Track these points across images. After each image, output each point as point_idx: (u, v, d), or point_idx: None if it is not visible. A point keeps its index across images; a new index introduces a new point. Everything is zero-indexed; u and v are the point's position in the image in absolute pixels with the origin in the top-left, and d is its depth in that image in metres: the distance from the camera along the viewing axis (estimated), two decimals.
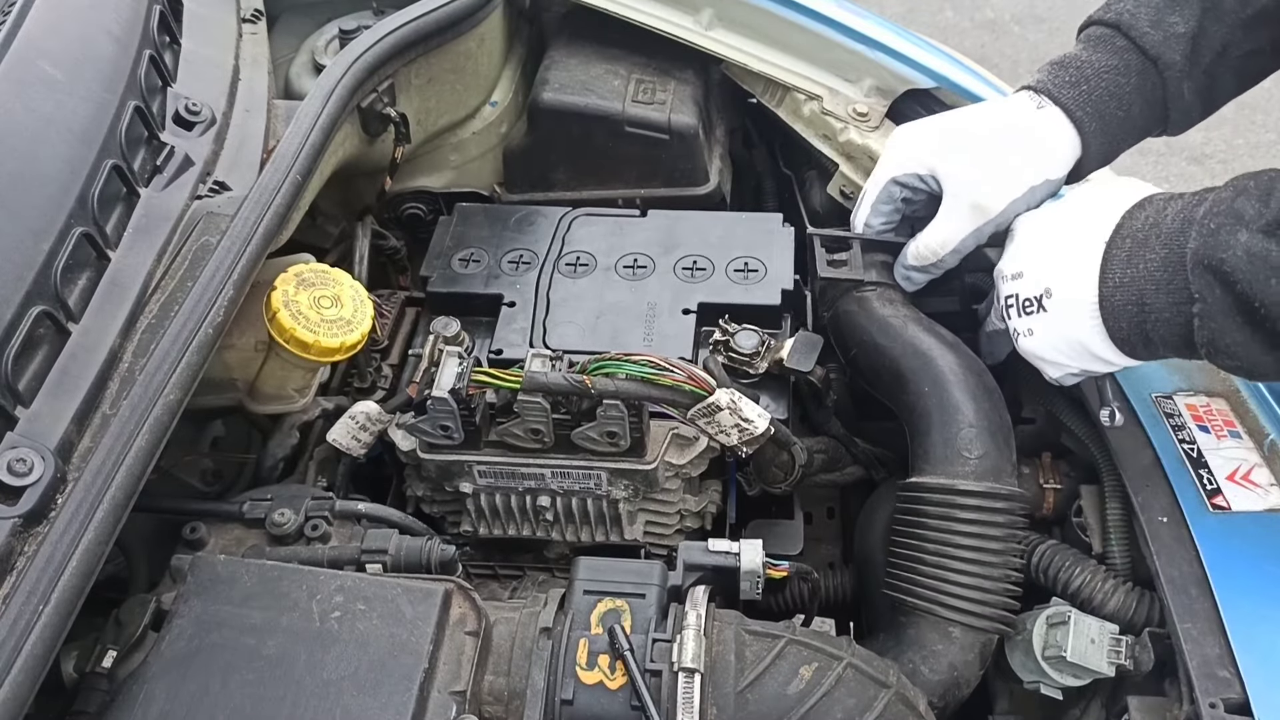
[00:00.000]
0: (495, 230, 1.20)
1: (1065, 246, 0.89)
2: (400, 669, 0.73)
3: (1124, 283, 0.83)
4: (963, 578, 0.89)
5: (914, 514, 0.92)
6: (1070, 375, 0.93)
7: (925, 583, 0.90)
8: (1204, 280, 0.77)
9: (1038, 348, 0.91)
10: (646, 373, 0.90)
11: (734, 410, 0.92)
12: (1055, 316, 0.89)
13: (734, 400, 0.92)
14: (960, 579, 0.89)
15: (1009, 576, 0.91)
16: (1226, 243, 0.76)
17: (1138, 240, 0.83)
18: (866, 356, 1.04)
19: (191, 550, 0.89)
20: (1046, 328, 0.90)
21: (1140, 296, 0.82)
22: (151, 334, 0.79)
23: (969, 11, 3.82)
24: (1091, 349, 0.87)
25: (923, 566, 0.90)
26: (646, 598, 0.81)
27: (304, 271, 0.95)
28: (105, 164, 0.84)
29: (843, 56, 1.29)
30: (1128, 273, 0.83)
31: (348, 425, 1.01)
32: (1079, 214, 0.90)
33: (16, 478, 0.67)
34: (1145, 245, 0.82)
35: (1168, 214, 0.83)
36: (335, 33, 1.33)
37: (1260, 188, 0.78)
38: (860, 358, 1.05)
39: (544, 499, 1.01)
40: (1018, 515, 0.92)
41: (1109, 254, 0.85)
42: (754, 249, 1.15)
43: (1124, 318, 0.84)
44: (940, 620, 0.89)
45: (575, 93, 1.30)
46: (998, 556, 0.90)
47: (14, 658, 0.60)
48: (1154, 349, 0.85)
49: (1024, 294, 0.91)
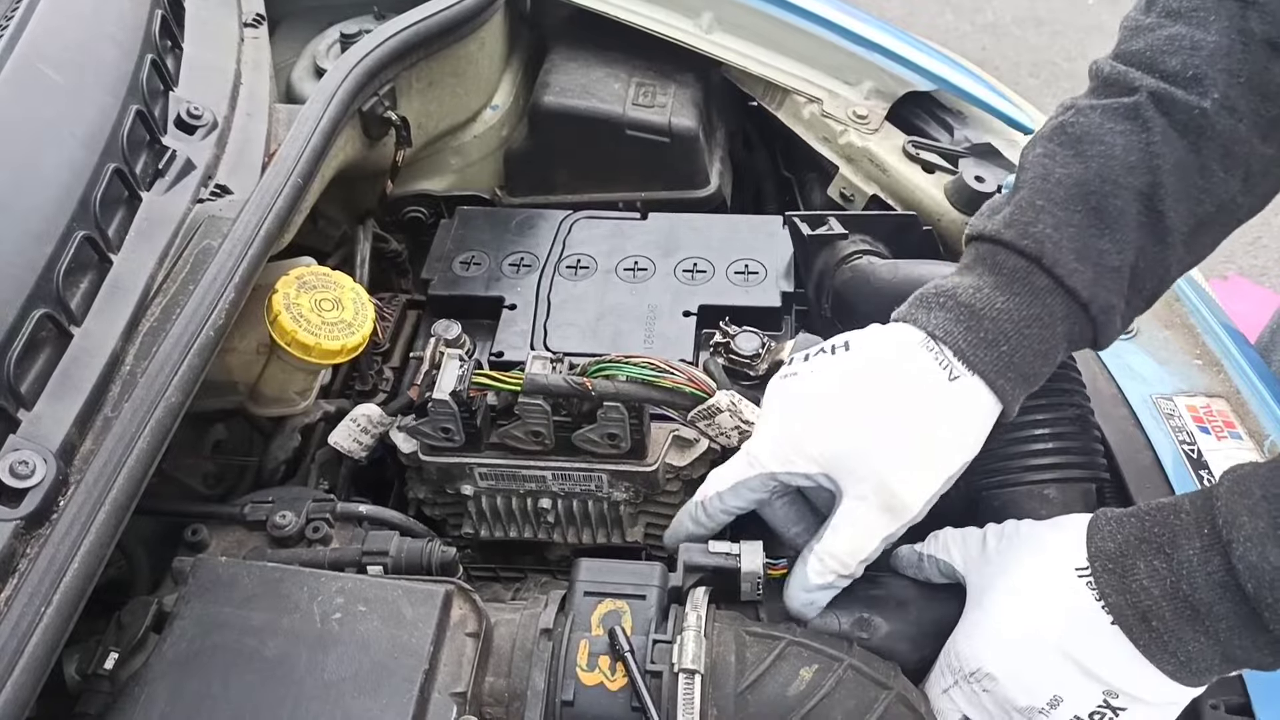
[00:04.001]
0: (496, 233, 1.20)
1: (1082, 646, 0.71)
2: (401, 670, 0.73)
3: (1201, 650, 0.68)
4: (1037, 443, 0.83)
5: None
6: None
7: (1003, 457, 0.84)
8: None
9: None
10: (646, 374, 0.91)
11: (734, 412, 0.92)
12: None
13: (734, 402, 0.92)
14: (1033, 443, 0.83)
15: (1082, 420, 0.85)
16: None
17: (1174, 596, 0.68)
18: (873, 305, 1.00)
19: (193, 552, 0.89)
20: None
21: (1225, 653, 0.68)
22: (153, 337, 0.79)
23: (969, 14, 3.82)
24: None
25: (991, 448, 0.82)
26: (647, 599, 0.81)
27: (305, 274, 0.95)
28: (107, 167, 0.84)
29: (842, 59, 1.29)
30: (1197, 638, 0.67)
31: (349, 428, 1.01)
32: (1048, 597, 0.73)
33: (19, 480, 0.67)
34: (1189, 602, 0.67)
35: (1172, 566, 0.68)
36: (336, 37, 1.33)
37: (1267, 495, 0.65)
38: (871, 314, 1.02)
39: (545, 501, 1.01)
40: (1068, 366, 0.86)
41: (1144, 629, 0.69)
42: (754, 251, 1.16)
43: (1206, 672, 0.69)
44: (1032, 487, 0.82)
45: (576, 96, 1.30)
46: (1061, 411, 0.84)
47: (16, 659, 0.60)
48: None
49: (1084, 709, 0.71)
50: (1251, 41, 0.72)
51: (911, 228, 1.14)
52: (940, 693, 0.78)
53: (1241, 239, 2.89)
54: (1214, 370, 1.02)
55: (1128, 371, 1.01)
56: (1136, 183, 0.73)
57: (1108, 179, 0.73)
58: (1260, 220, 0.82)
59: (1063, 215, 0.74)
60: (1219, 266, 2.83)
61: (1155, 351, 1.05)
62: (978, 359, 0.74)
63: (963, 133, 1.27)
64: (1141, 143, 0.74)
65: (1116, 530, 0.72)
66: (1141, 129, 0.74)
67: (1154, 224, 0.74)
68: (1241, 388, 1.01)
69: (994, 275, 0.75)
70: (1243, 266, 2.86)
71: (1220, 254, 0.89)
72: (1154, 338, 1.06)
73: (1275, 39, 0.72)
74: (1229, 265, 2.85)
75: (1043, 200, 0.75)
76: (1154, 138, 0.73)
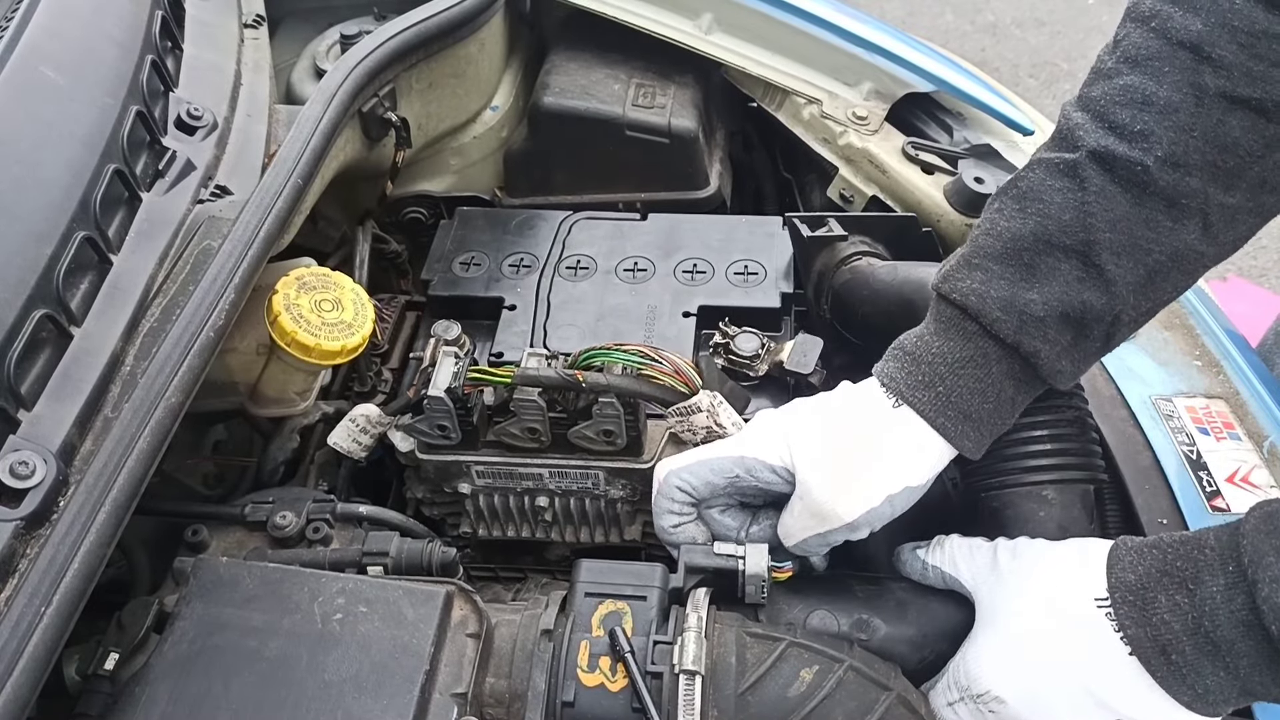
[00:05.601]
0: (496, 234, 1.20)
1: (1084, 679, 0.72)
2: (402, 671, 0.73)
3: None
4: (1035, 444, 0.85)
5: None
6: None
7: (1001, 458, 0.86)
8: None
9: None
10: (634, 361, 0.91)
11: (711, 414, 0.92)
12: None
13: (714, 404, 0.93)
14: (1033, 445, 0.85)
15: (1080, 422, 0.87)
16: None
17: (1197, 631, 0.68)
18: (872, 306, 1.02)
19: (193, 553, 0.89)
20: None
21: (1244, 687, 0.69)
22: (153, 337, 0.79)
23: (969, 15, 3.83)
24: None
25: (990, 450, 0.85)
26: (648, 600, 0.81)
27: (305, 275, 0.96)
28: (107, 168, 0.84)
29: (842, 60, 1.30)
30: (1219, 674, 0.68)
31: (348, 428, 1.02)
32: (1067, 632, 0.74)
33: (19, 480, 0.67)
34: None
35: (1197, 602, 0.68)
36: (336, 38, 1.33)
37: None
38: (870, 315, 1.02)
39: (542, 499, 1.01)
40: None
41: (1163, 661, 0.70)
42: (754, 252, 1.16)
43: (1222, 704, 0.70)
44: (1031, 488, 0.85)
45: (576, 97, 1.30)
46: (1059, 413, 0.86)
47: (16, 660, 0.60)
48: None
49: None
50: (1205, 96, 0.73)
51: (911, 229, 1.14)
52: (945, 705, 0.79)
53: None
54: (1213, 371, 1.02)
55: (1127, 372, 1.01)
56: (1069, 240, 0.76)
57: (1041, 237, 0.77)
58: None
59: (996, 269, 0.79)
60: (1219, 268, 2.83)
61: (1155, 353, 1.05)
62: (915, 399, 0.80)
63: (962, 134, 1.27)
64: (1077, 201, 0.76)
65: (1138, 561, 0.73)
66: (1078, 188, 0.76)
67: (1092, 278, 0.76)
68: (1241, 389, 1.01)
69: (935, 323, 0.82)
70: (1243, 267, 2.86)
71: None
72: (1154, 339, 1.06)
73: (1230, 92, 0.72)
74: (1229, 266, 2.85)
75: (979, 257, 0.80)
76: (1089, 196, 0.76)
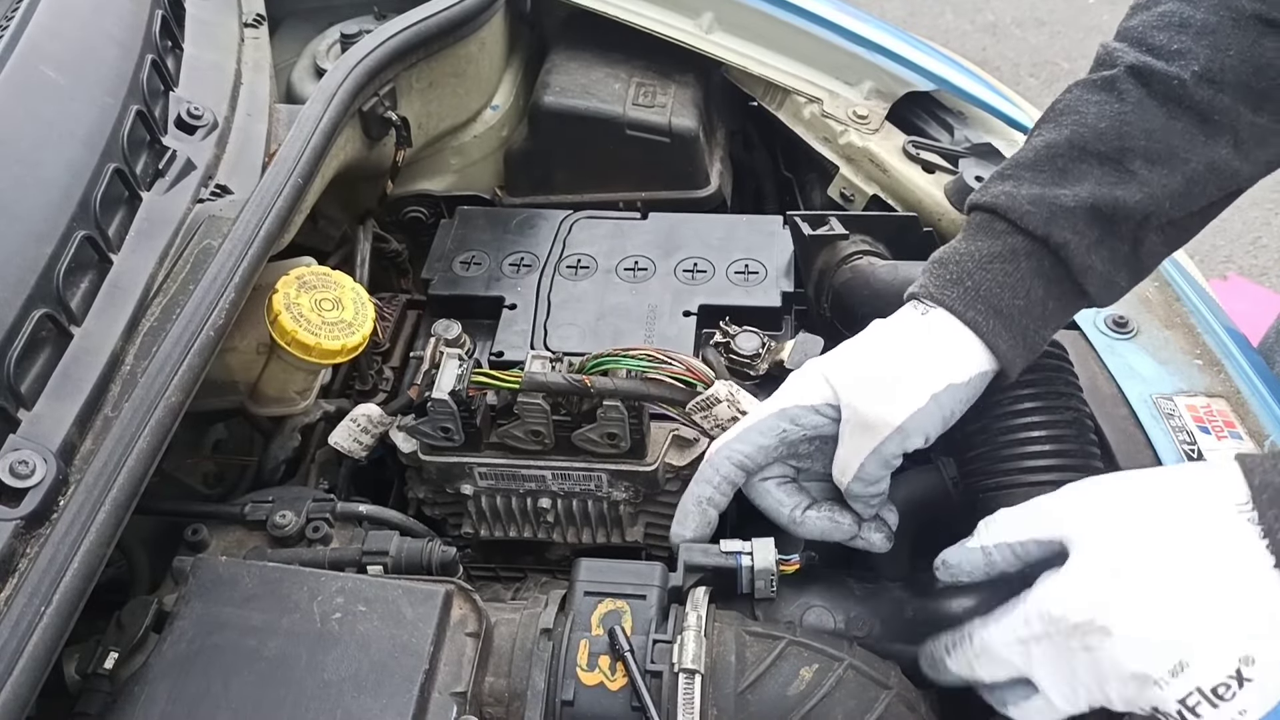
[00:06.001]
0: (496, 233, 1.20)
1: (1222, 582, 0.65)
2: (401, 670, 0.73)
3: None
4: (1035, 444, 0.84)
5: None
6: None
7: (1000, 457, 0.85)
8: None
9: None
10: (644, 365, 0.91)
11: (732, 402, 0.92)
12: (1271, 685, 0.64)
13: (732, 393, 0.92)
14: (1031, 444, 0.84)
15: (1079, 421, 0.86)
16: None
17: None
18: (873, 305, 1.00)
19: (193, 552, 0.89)
20: (1264, 700, 0.64)
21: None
22: (153, 337, 0.79)
23: (970, 14, 3.82)
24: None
25: (989, 449, 0.85)
26: (647, 599, 0.81)
27: (305, 274, 0.96)
28: (107, 168, 0.84)
29: (842, 59, 1.30)
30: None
31: (349, 428, 1.02)
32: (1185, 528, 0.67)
33: (19, 480, 0.67)
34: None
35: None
36: (337, 37, 1.34)
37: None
38: (871, 314, 1.02)
39: (545, 501, 1.01)
40: (1064, 369, 0.88)
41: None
42: (754, 251, 1.16)
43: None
44: (1030, 488, 0.82)
45: (576, 96, 1.30)
46: (1058, 413, 0.86)
47: (16, 659, 0.60)
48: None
49: (1210, 682, 0.63)
50: (1241, 18, 0.78)
51: (912, 228, 1.14)
52: (1015, 642, 0.71)
53: (1241, 239, 2.89)
54: (1214, 370, 1.02)
55: (1128, 371, 1.00)
56: (1104, 147, 0.80)
57: (1076, 144, 0.81)
58: (1260, 220, 0.83)
59: (1028, 175, 0.82)
60: (1219, 266, 2.83)
61: (1155, 351, 1.04)
62: (943, 296, 0.81)
63: (963, 133, 1.27)
64: (1114, 111, 0.80)
65: (1278, 464, 0.66)
66: (1116, 99, 0.81)
67: (1125, 181, 0.79)
68: (1242, 387, 1.01)
69: (964, 231, 0.85)
70: (1243, 266, 2.86)
71: (1220, 254, 0.89)
72: (1154, 338, 1.06)
73: (1266, 15, 0.77)
74: (1229, 265, 2.85)
75: (1011, 168, 0.83)
76: (1125, 107, 0.80)
